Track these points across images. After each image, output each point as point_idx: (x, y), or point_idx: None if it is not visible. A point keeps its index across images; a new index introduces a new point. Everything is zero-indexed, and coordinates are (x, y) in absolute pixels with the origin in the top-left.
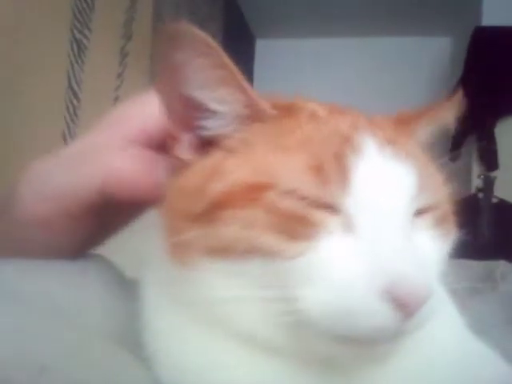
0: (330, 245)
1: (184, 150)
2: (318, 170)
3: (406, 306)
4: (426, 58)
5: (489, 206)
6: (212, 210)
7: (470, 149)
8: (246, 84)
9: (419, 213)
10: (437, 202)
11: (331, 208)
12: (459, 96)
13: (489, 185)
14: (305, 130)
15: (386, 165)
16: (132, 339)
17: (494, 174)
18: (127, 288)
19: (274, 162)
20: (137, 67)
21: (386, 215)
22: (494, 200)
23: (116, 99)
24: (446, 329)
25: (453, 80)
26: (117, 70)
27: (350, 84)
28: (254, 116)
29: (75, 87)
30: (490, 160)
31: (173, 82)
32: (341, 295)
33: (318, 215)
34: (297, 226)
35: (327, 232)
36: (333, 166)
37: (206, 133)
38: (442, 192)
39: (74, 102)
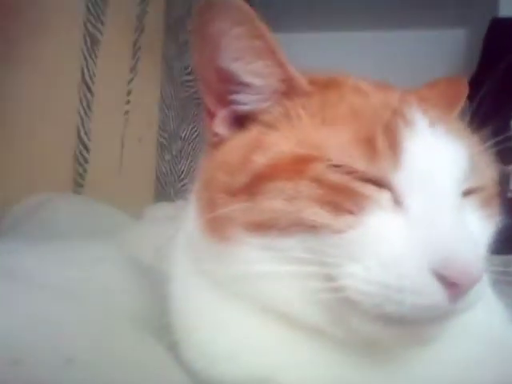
0: (378, 220)
1: (220, 125)
2: (368, 143)
3: (457, 286)
4: (441, 51)
5: (504, 200)
6: (255, 183)
7: (485, 142)
8: (283, 57)
9: (467, 193)
10: (485, 183)
11: (380, 183)
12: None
13: (504, 179)
14: (350, 103)
15: (438, 142)
16: (155, 323)
17: (509, 167)
18: (144, 273)
19: (321, 134)
20: (149, 60)
21: (437, 193)
22: (510, 194)
23: (129, 93)
24: (490, 313)
25: (468, 72)
26: (130, 64)
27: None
28: (291, 91)
29: (88, 81)
30: (505, 154)
31: (208, 54)
32: (389, 272)
33: (367, 189)
34: (344, 199)
35: (376, 207)
36: (383, 140)
37: (242, 107)
38: (489, 173)
39: (88, 95)
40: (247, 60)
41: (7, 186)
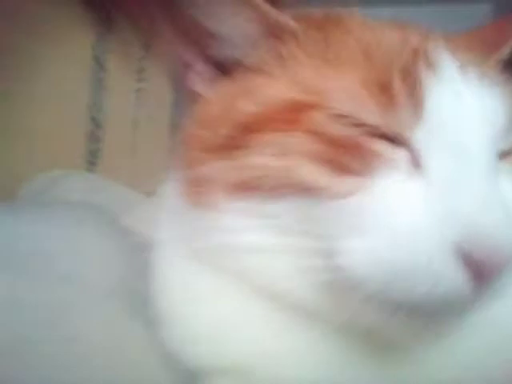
0: (390, 184)
1: (200, 79)
2: (382, 89)
3: (482, 269)
4: (466, 27)
5: None
6: (239, 136)
7: None
8: (262, 3)
9: (504, 155)
10: None
11: (395, 139)
12: None
13: None
14: (359, 39)
15: (470, 90)
16: (136, 295)
17: None
18: (127, 239)
19: (322, 76)
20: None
21: (465, 153)
22: None
23: (141, 71)
24: None
25: None
26: (141, 40)
27: None
28: (279, 32)
29: (100, 58)
30: None
31: (176, 3)
32: (400, 248)
33: (378, 146)
34: (348, 157)
35: (388, 167)
36: (401, 86)
37: (223, 56)
38: None
39: (100, 73)
40: (215, 5)
41: (19, 164)
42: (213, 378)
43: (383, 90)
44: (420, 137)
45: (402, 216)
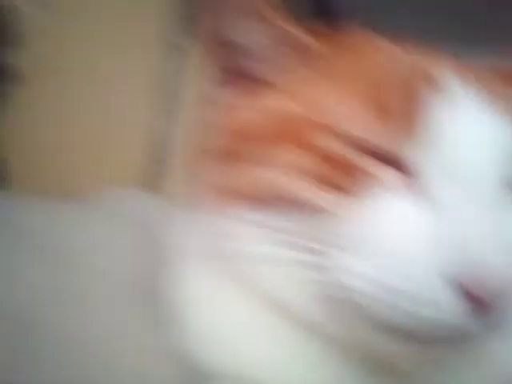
0: (386, 205)
1: (230, 93)
2: (380, 107)
3: (478, 299)
4: None
5: None
6: (240, 145)
7: None
8: (279, 18)
9: None
10: None
11: (390, 158)
12: None
13: None
14: (367, 62)
15: (479, 114)
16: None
17: None
18: (146, 230)
19: (324, 95)
20: None
21: (468, 180)
22: None
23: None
24: None
25: None
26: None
27: None
28: (292, 48)
29: (168, 83)
30: None
31: (210, 25)
32: (394, 271)
33: (372, 165)
34: (343, 175)
35: (385, 189)
36: (400, 105)
37: (247, 71)
38: None
39: (167, 96)
40: (241, 25)
41: (79, 181)
42: (215, 381)
43: (381, 109)
44: (420, 159)
45: (397, 239)
